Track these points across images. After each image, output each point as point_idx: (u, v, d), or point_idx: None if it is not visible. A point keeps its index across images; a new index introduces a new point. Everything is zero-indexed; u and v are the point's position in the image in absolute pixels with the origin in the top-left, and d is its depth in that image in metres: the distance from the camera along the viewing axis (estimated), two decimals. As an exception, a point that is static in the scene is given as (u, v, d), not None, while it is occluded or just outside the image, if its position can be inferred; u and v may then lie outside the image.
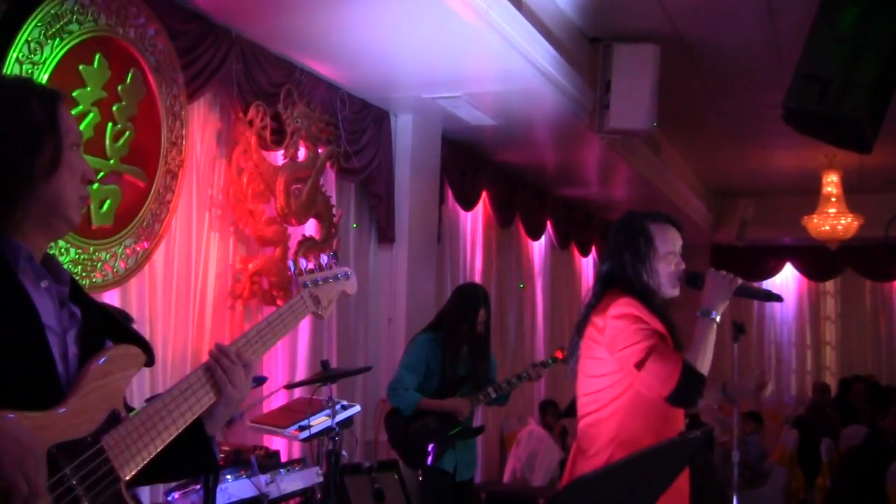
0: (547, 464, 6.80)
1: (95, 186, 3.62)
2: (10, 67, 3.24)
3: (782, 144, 8.38)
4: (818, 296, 12.70)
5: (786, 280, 12.68)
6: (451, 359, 4.54)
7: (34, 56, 3.35)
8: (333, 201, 5.26)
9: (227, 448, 3.69)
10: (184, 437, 1.64)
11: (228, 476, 3.49)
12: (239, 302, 4.54)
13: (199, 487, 3.26)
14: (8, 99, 1.54)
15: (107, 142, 3.70)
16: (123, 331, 1.67)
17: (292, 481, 3.77)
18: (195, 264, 4.32)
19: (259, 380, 3.74)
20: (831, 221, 9.30)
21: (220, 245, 4.50)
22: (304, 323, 4.95)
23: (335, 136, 5.20)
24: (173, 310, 4.16)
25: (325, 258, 2.01)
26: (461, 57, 4.83)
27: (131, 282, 3.89)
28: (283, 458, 4.24)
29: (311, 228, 5.10)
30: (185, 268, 4.26)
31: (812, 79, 3.75)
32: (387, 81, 5.28)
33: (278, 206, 4.74)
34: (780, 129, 4.60)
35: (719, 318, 2.72)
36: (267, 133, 4.63)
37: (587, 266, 10.37)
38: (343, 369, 4.59)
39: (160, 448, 1.58)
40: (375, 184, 5.65)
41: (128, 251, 3.81)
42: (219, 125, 4.52)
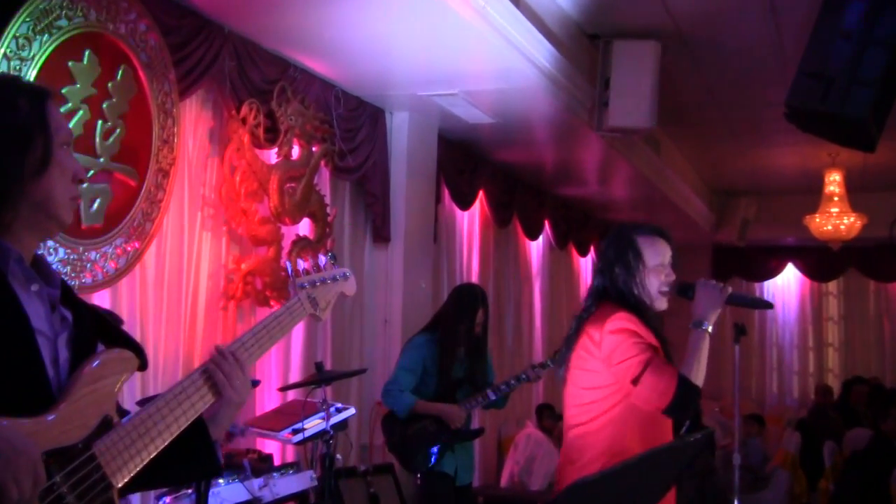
0: (545, 467, 6.76)
1: (85, 185, 3.58)
2: (-3, 64, 3.19)
3: (785, 143, 8.32)
4: (821, 297, 12.57)
5: (788, 281, 12.58)
6: (449, 360, 4.51)
7: (22, 52, 3.30)
8: (328, 200, 5.22)
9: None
10: (187, 442, 1.64)
11: (221, 480, 3.47)
12: (232, 303, 4.49)
13: (192, 492, 3.22)
14: None
15: (97, 140, 3.65)
16: (116, 334, 1.66)
17: (286, 485, 3.76)
18: (187, 264, 4.28)
19: (252, 383, 3.69)
20: (834, 221, 9.20)
21: (213, 245, 4.45)
22: (299, 324, 4.90)
23: (330, 134, 5.16)
24: (164, 311, 4.12)
25: (323, 259, 2.00)
26: (458, 54, 4.78)
27: (122, 282, 3.85)
28: (277, 462, 4.23)
29: (306, 228, 5.06)
30: (177, 268, 4.21)
31: (815, 76, 3.76)
32: (382, 78, 5.24)
33: (272, 206, 4.70)
34: (783, 128, 4.58)
35: (711, 329, 2.75)
36: (260, 131, 4.59)
37: (586, 266, 10.31)
38: (338, 371, 4.57)
39: (153, 454, 1.57)
40: (370, 182, 5.61)
41: (118, 251, 3.76)
42: (211, 123, 4.48)
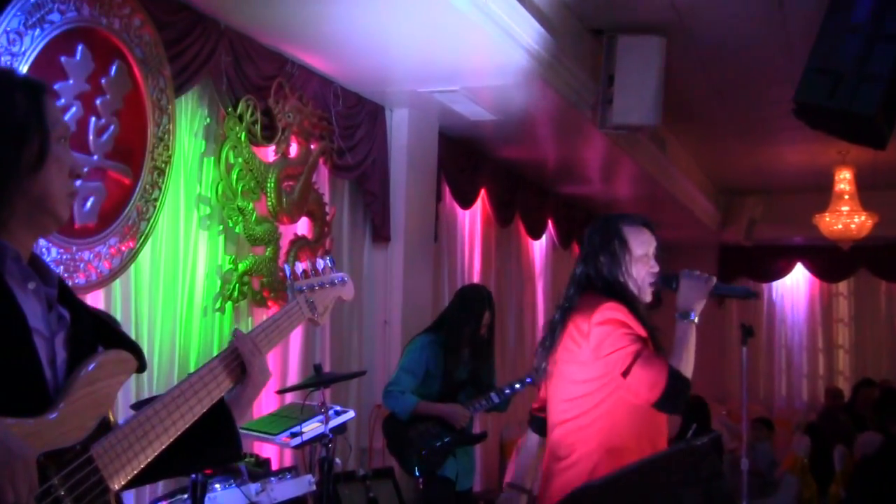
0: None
1: (78, 183, 3.52)
2: (-13, 59, 3.15)
3: (793, 140, 8.24)
4: (830, 297, 12.38)
5: (797, 281, 12.41)
6: (453, 362, 4.48)
7: (13, 47, 3.25)
8: (326, 199, 5.19)
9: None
10: (210, 425, 1.66)
11: (217, 485, 3.44)
12: (228, 304, 4.44)
13: (187, 497, 3.18)
14: None
15: (90, 137, 3.60)
16: (114, 335, 1.65)
17: (284, 490, 3.73)
18: (183, 264, 4.24)
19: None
20: (844, 220, 9.07)
21: (209, 244, 4.42)
22: (297, 326, 4.89)
23: (328, 132, 5.13)
24: (160, 312, 4.08)
25: (322, 263, 2.02)
26: (459, 49, 4.74)
27: (116, 283, 3.81)
28: (275, 466, 4.21)
29: (304, 227, 5.03)
30: (173, 268, 4.18)
31: (824, 72, 3.72)
32: (382, 75, 5.20)
33: (269, 204, 4.67)
34: (791, 125, 4.54)
35: (697, 319, 2.75)
36: (257, 128, 4.56)
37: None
38: (336, 373, 4.56)
39: (151, 457, 1.56)
40: (370, 181, 5.57)
41: (112, 251, 3.72)
42: (207, 120, 4.44)
